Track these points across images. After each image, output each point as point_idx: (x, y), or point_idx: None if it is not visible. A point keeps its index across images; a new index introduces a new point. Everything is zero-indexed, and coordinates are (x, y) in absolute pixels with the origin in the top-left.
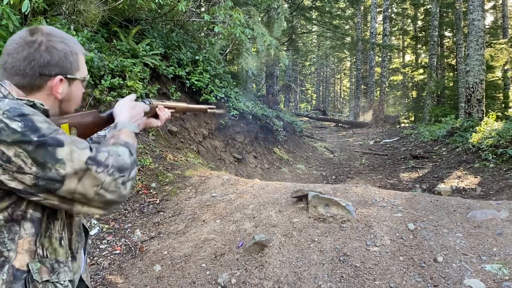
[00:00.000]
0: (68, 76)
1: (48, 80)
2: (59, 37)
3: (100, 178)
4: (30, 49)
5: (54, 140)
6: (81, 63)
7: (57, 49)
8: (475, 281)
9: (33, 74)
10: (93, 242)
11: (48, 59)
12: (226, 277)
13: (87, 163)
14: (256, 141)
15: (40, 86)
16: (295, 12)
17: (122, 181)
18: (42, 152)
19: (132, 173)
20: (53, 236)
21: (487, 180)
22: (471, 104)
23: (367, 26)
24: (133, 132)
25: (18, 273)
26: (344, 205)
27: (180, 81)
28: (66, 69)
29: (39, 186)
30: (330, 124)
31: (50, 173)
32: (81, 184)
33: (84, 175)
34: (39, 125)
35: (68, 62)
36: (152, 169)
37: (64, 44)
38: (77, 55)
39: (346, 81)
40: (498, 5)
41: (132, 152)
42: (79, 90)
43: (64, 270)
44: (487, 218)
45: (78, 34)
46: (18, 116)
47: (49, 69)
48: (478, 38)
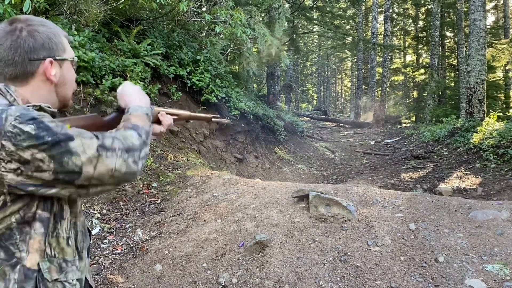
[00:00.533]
0: (57, 57)
1: (39, 64)
2: (38, 21)
3: (111, 162)
4: (13, 37)
5: (65, 136)
6: (65, 44)
7: (39, 32)
8: (476, 281)
9: (22, 61)
10: (94, 242)
11: (33, 42)
12: (227, 277)
13: (97, 150)
14: (257, 141)
15: (33, 73)
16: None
17: (133, 160)
18: (57, 149)
19: (142, 153)
20: (60, 236)
21: (488, 180)
22: (472, 104)
23: (368, 26)
24: (144, 114)
25: (29, 272)
26: (345, 205)
27: (181, 81)
28: (53, 51)
29: (59, 179)
30: (331, 124)
31: (68, 166)
32: (97, 171)
33: (97, 162)
34: (49, 125)
35: (53, 43)
36: (153, 169)
37: (44, 27)
38: (60, 36)
39: (347, 81)
40: (500, 5)
41: (140, 133)
42: (71, 72)
43: (72, 269)
44: (488, 218)
45: (79, 34)
46: (30, 119)
47: (37, 53)
48: (480, 38)
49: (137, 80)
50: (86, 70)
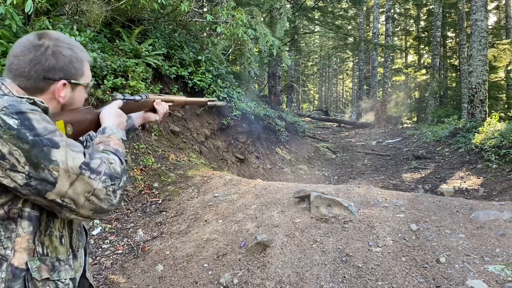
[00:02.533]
0: (72, 81)
1: (51, 84)
2: (67, 43)
3: (92, 185)
4: (37, 53)
5: (49, 141)
6: (86, 69)
7: (63, 55)
8: (477, 282)
9: (37, 77)
10: (96, 242)
11: (54, 63)
12: (228, 277)
13: (81, 167)
14: (258, 141)
15: (43, 89)
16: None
17: (113, 189)
18: (36, 152)
19: (121, 182)
20: (53, 234)
21: (490, 181)
22: (474, 105)
23: (369, 26)
24: (121, 139)
25: (17, 271)
26: (347, 205)
27: (182, 81)
28: (70, 74)
29: (30, 186)
30: (333, 125)
31: (43, 174)
32: (72, 189)
33: (76, 180)
34: (35, 124)
35: (73, 68)
36: (154, 169)
37: (71, 51)
38: (82, 62)
39: (349, 81)
40: (501, 6)
41: (122, 160)
42: (81, 96)
43: (65, 268)
44: (490, 219)
45: (81, 34)
46: (15, 113)
47: (54, 73)
48: (481, 39)
49: (139, 81)
50: None
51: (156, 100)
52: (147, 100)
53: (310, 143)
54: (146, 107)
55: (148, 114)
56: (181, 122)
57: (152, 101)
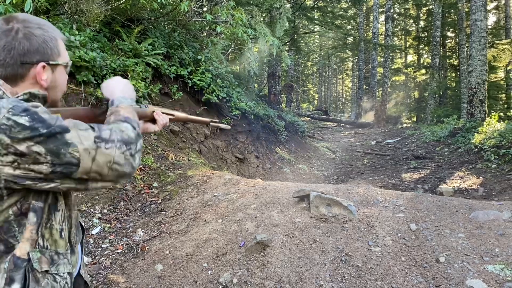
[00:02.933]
0: (50, 62)
1: (30, 68)
2: (36, 23)
3: (110, 154)
4: (8, 38)
5: (60, 128)
6: (61, 48)
7: (35, 35)
8: (477, 281)
9: (14, 63)
10: (95, 241)
11: (28, 46)
12: (227, 277)
13: (95, 141)
14: (258, 141)
15: (23, 75)
16: (297, 12)
17: (130, 153)
18: (53, 141)
19: (138, 146)
20: (53, 228)
21: (490, 181)
22: (474, 105)
23: (369, 26)
24: (131, 106)
25: (19, 261)
26: (346, 205)
27: (182, 80)
28: (47, 55)
29: (56, 172)
30: (332, 124)
31: (66, 158)
32: (95, 163)
33: (96, 154)
34: (44, 116)
35: (48, 48)
36: (154, 169)
37: (41, 30)
38: (56, 40)
39: (348, 81)
40: (501, 6)
41: (134, 126)
42: (63, 76)
43: (64, 262)
44: (489, 219)
45: (80, 34)
46: (23, 111)
47: (30, 57)
48: (481, 39)
49: (138, 80)
50: (87, 70)
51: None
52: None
53: (309, 143)
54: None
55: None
56: (185, 124)
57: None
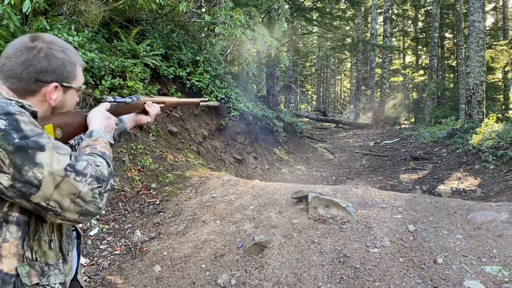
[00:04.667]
0: (64, 84)
1: (43, 86)
2: (60, 47)
3: (78, 187)
4: (29, 55)
5: (35, 144)
6: (78, 73)
7: (56, 57)
8: (475, 282)
9: (28, 78)
10: (93, 243)
11: (46, 65)
12: (226, 278)
13: (66, 169)
14: (256, 142)
15: (34, 91)
16: (295, 13)
17: (99, 192)
18: (21, 155)
19: (108, 185)
20: (42, 239)
21: (487, 182)
22: (472, 106)
23: (367, 27)
24: (108, 142)
25: (7, 277)
26: (344, 206)
27: (180, 81)
28: (62, 77)
29: (15, 188)
30: (331, 125)
31: (27, 176)
32: (57, 191)
33: (61, 182)
34: (23, 126)
35: (65, 71)
36: (152, 170)
37: (64, 54)
38: (75, 66)
39: (347, 82)
40: (499, 7)
41: (109, 163)
42: (73, 99)
43: (55, 272)
44: (487, 220)
45: (79, 35)
46: (3, 114)
47: (45, 76)
48: (479, 40)
49: (137, 81)
50: (86, 71)
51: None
52: (138, 102)
53: (308, 144)
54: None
55: (139, 116)
56: (179, 123)
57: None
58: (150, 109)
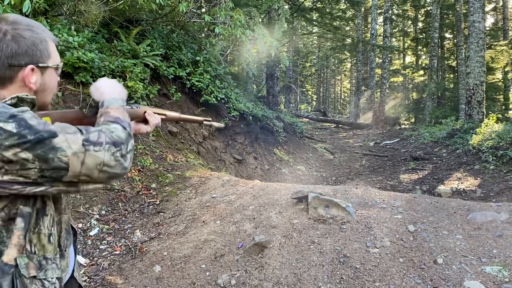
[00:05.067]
0: (40, 64)
1: (18, 70)
2: (25, 25)
3: (99, 156)
4: None
5: (48, 133)
6: (52, 50)
7: (24, 37)
8: (475, 283)
9: (1, 65)
10: (93, 243)
11: (15, 48)
12: (226, 278)
13: (83, 145)
14: (256, 142)
15: (11, 78)
16: (295, 13)
17: (121, 154)
18: (41, 147)
19: (129, 146)
20: (42, 232)
21: (487, 182)
22: (472, 106)
23: (367, 27)
24: (122, 106)
25: (6, 267)
26: (344, 206)
27: (180, 81)
28: (36, 58)
29: (45, 177)
30: (331, 125)
31: (54, 163)
32: (84, 166)
33: (85, 157)
34: (30, 122)
35: (37, 50)
36: (152, 170)
37: (31, 32)
38: (46, 42)
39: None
40: (499, 7)
41: (124, 126)
42: (53, 79)
43: (52, 267)
44: (487, 220)
45: (79, 35)
46: (10, 117)
47: (18, 59)
48: (479, 40)
49: (137, 81)
50: (86, 71)
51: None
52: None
53: (308, 144)
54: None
55: (139, 125)
56: (179, 123)
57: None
58: (151, 118)
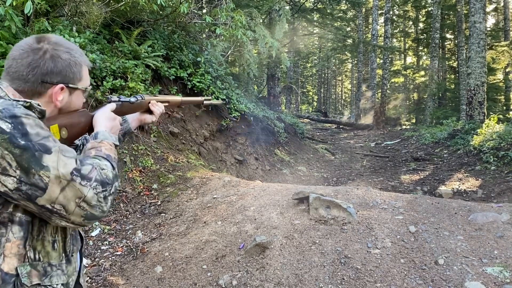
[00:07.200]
0: (70, 85)
1: (49, 87)
2: (66, 48)
3: (83, 191)
4: (35, 56)
5: (41, 147)
6: (84, 74)
7: (61, 59)
8: (476, 283)
9: (35, 80)
10: (95, 243)
11: (52, 67)
12: (227, 279)
13: (72, 173)
14: (257, 143)
15: (40, 93)
16: (296, 14)
17: (104, 196)
18: (27, 157)
19: (113, 188)
20: (45, 239)
21: (488, 183)
22: (473, 107)
23: (368, 28)
24: (113, 144)
25: (7, 277)
26: (345, 207)
27: (181, 82)
28: (68, 78)
29: (21, 190)
30: (331, 126)
31: (33, 179)
32: (63, 195)
33: (67, 186)
34: (28, 129)
35: (71, 72)
36: (153, 171)
37: (69, 55)
38: (81, 66)
39: (347, 83)
40: (500, 8)
41: (114, 166)
42: (79, 100)
43: (57, 273)
44: (488, 221)
45: (80, 36)
46: (9, 117)
47: (51, 77)
48: (480, 41)
49: (138, 82)
50: None
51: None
52: (142, 101)
53: (309, 145)
54: (142, 108)
55: (144, 116)
56: (180, 124)
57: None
58: (155, 108)
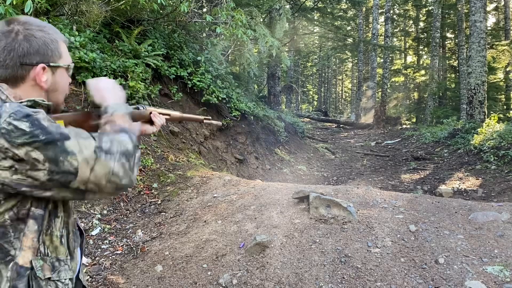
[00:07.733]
0: (51, 64)
1: (30, 69)
2: (37, 25)
3: (109, 165)
4: (8, 39)
5: (61, 135)
6: (63, 50)
7: (35, 37)
8: (476, 282)
9: (14, 64)
10: (95, 242)
11: (27, 47)
12: (227, 278)
13: (95, 152)
14: (257, 142)
15: (23, 77)
16: (297, 13)
17: (129, 166)
18: (52, 148)
19: (136, 158)
20: (54, 234)
21: (489, 182)
22: (473, 106)
23: (368, 27)
24: (126, 114)
25: (22, 270)
26: (346, 206)
27: (182, 81)
28: (47, 57)
29: (53, 180)
30: (332, 125)
31: (64, 167)
32: (93, 174)
33: (95, 164)
34: (44, 123)
35: (48, 49)
36: (153, 170)
37: (42, 32)
38: (57, 42)
39: (348, 82)
40: (500, 7)
41: (131, 137)
42: (64, 79)
43: (65, 268)
44: (488, 220)
45: (80, 35)
46: (24, 117)
47: (30, 58)
48: (480, 40)
49: (138, 81)
50: (87, 71)
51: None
52: (144, 111)
53: (309, 144)
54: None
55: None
56: (181, 122)
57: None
58: (156, 119)
